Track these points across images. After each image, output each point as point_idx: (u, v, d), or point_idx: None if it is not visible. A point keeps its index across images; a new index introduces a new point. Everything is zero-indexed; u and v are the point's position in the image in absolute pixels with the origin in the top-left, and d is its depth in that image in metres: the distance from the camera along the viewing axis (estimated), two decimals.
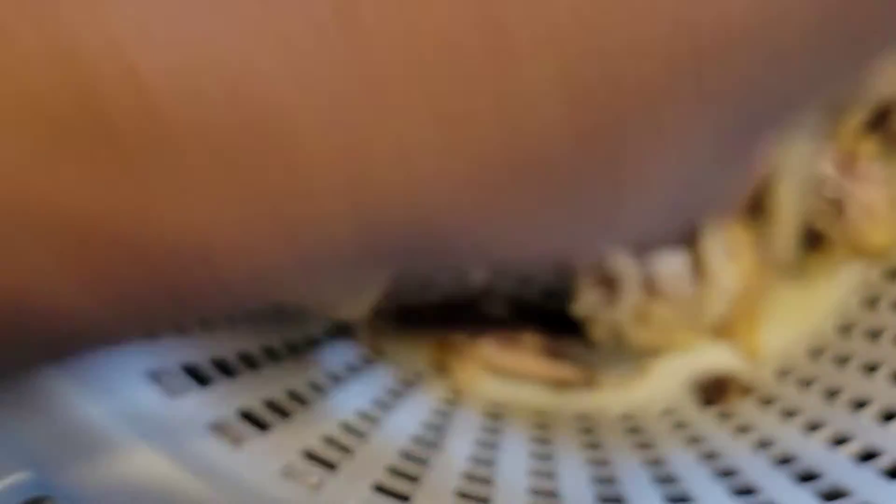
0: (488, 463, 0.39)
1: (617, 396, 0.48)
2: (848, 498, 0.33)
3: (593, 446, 0.44)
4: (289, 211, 0.13)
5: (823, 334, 0.50)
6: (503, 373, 0.49)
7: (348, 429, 0.36)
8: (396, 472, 0.33)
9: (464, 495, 0.33)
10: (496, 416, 0.46)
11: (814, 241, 0.49)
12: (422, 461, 0.36)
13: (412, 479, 0.33)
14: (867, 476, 0.35)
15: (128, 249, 0.13)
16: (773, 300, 0.51)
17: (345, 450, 0.33)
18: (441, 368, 0.48)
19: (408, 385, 0.46)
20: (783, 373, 0.48)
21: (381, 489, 0.31)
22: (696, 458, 0.40)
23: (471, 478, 0.36)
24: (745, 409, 0.45)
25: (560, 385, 0.48)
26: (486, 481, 0.35)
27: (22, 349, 0.15)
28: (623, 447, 0.43)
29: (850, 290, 0.51)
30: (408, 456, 0.36)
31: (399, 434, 0.38)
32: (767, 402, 0.45)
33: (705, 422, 0.45)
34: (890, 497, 0.32)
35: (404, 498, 0.31)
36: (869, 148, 0.50)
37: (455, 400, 0.47)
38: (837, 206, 0.48)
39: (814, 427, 0.41)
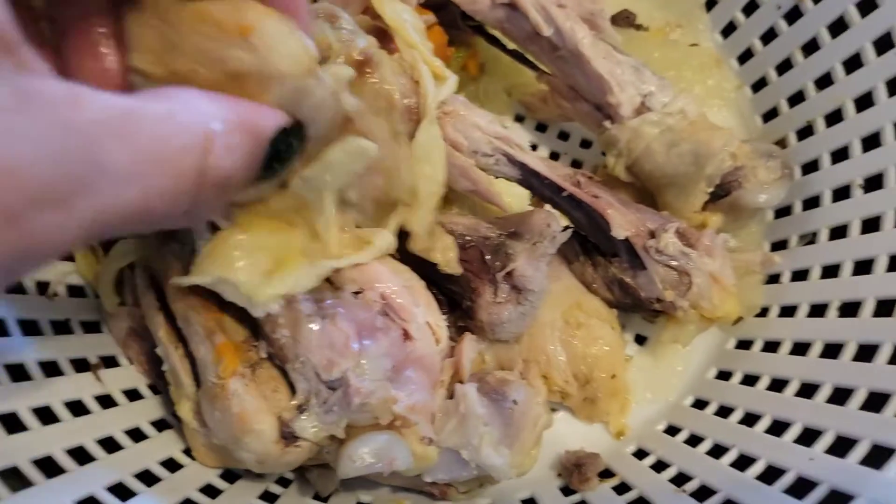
0: None
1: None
2: None
3: None
4: None
5: (681, 410, 0.50)
6: None
7: None
8: None
9: None
10: None
11: (666, 311, 0.50)
12: None
13: None
14: None
15: None
16: (631, 376, 0.51)
17: None
18: None
19: None
20: (643, 453, 0.48)
21: None
22: None
23: None
24: (602, 496, 0.45)
25: None
26: None
27: None
28: None
29: (707, 361, 0.52)
30: None
31: None
32: (624, 488, 0.46)
33: None
34: None
35: None
36: (716, 220, 0.51)
37: None
38: (686, 278, 0.48)
39: None
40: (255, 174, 0.27)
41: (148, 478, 0.41)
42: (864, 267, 0.46)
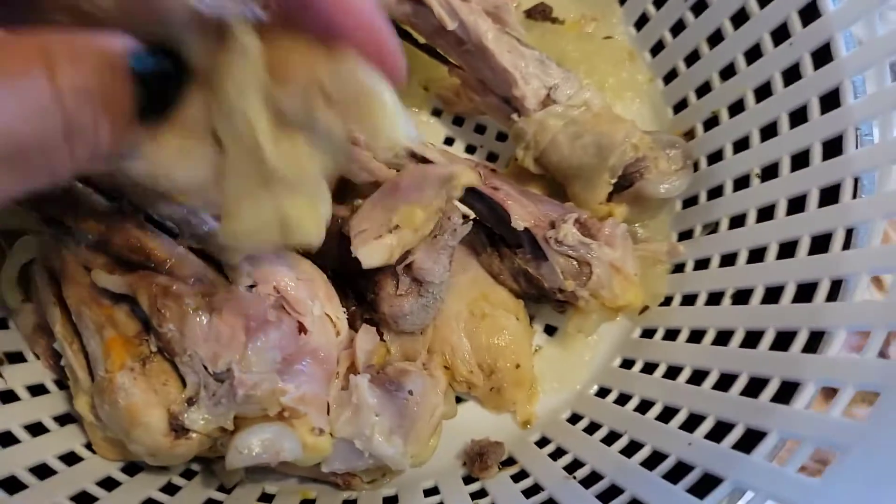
0: None
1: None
2: None
3: None
4: None
5: (586, 399, 0.51)
6: None
7: None
8: None
9: None
10: None
11: (569, 301, 0.50)
12: None
13: None
14: None
15: None
16: (539, 366, 0.52)
17: None
18: None
19: None
20: (545, 441, 0.49)
21: None
22: None
23: None
24: (499, 484, 0.46)
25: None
26: None
27: None
28: None
29: (613, 350, 0.53)
30: None
31: None
32: (522, 475, 0.46)
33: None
34: None
35: None
36: (621, 211, 0.51)
37: None
38: (586, 268, 0.49)
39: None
40: (132, 96, 0.27)
41: (43, 471, 0.41)
42: (757, 255, 0.47)
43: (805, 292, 0.42)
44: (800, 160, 0.46)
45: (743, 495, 0.36)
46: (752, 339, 0.43)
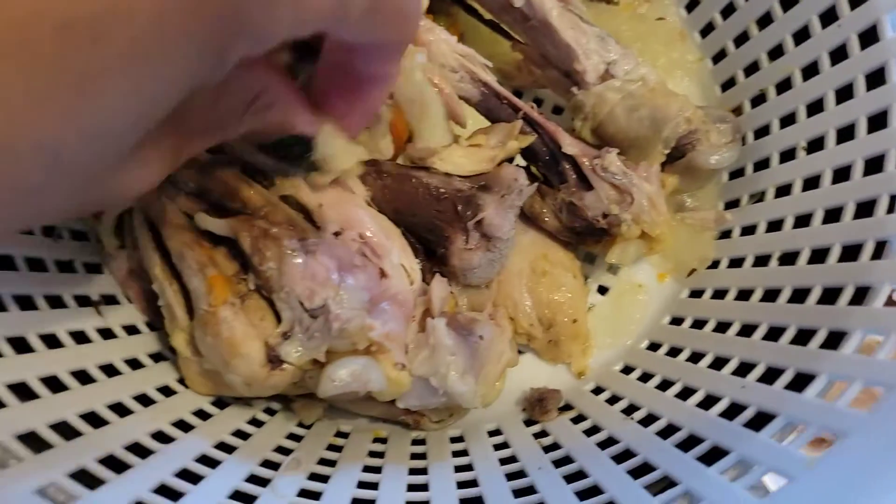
0: None
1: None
2: None
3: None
4: None
5: (637, 353, 0.55)
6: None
7: None
8: None
9: None
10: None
11: (610, 229, 0.53)
12: None
13: None
14: (642, 494, 0.39)
15: None
16: (592, 323, 0.56)
17: None
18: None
19: None
20: (600, 390, 0.53)
21: None
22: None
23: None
24: (560, 425, 0.50)
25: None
26: None
27: None
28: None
29: (663, 310, 0.56)
30: None
31: None
32: (580, 419, 0.50)
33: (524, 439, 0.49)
34: None
35: None
36: (672, 181, 0.55)
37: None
38: (627, 197, 0.52)
39: (610, 441, 0.46)
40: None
41: (144, 400, 0.45)
42: (803, 221, 0.50)
43: (850, 253, 0.45)
44: (845, 134, 0.50)
45: (794, 430, 0.39)
46: (799, 296, 0.47)
